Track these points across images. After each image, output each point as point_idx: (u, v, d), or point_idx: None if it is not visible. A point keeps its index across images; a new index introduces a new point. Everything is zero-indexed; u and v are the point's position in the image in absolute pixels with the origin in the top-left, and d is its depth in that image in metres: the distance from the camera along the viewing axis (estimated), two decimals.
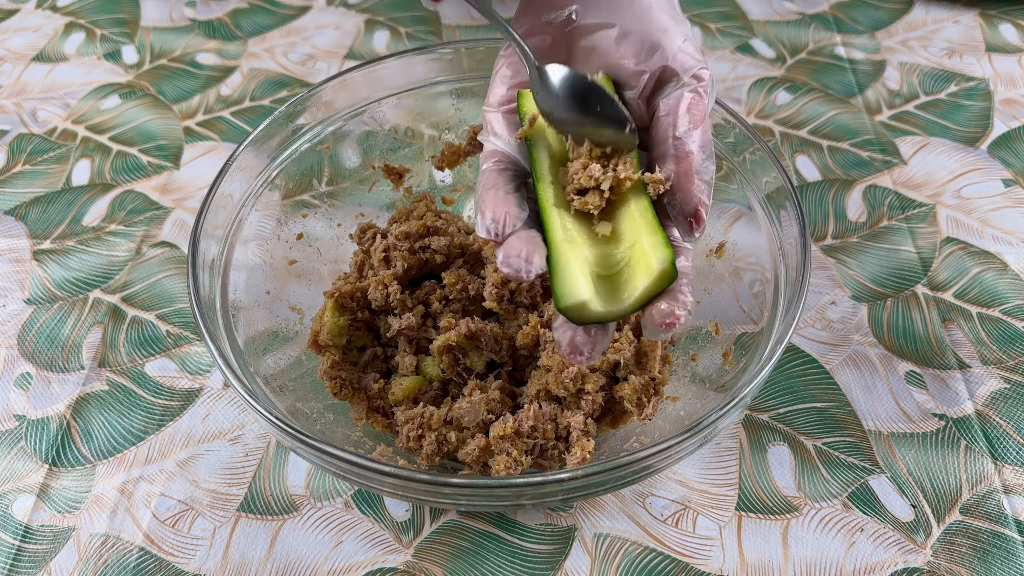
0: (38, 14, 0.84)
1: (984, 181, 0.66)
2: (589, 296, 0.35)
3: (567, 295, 0.35)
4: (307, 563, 0.48)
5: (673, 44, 0.38)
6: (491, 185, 0.38)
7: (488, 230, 0.37)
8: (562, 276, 0.36)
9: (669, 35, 0.39)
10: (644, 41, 0.39)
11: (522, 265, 0.36)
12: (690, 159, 0.37)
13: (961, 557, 0.47)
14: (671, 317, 0.35)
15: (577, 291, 0.35)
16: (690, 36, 0.39)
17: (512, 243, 0.36)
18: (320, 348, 0.51)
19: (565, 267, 0.36)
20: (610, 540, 0.48)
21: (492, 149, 0.40)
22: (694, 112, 0.37)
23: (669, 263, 0.35)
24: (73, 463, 0.52)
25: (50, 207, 0.66)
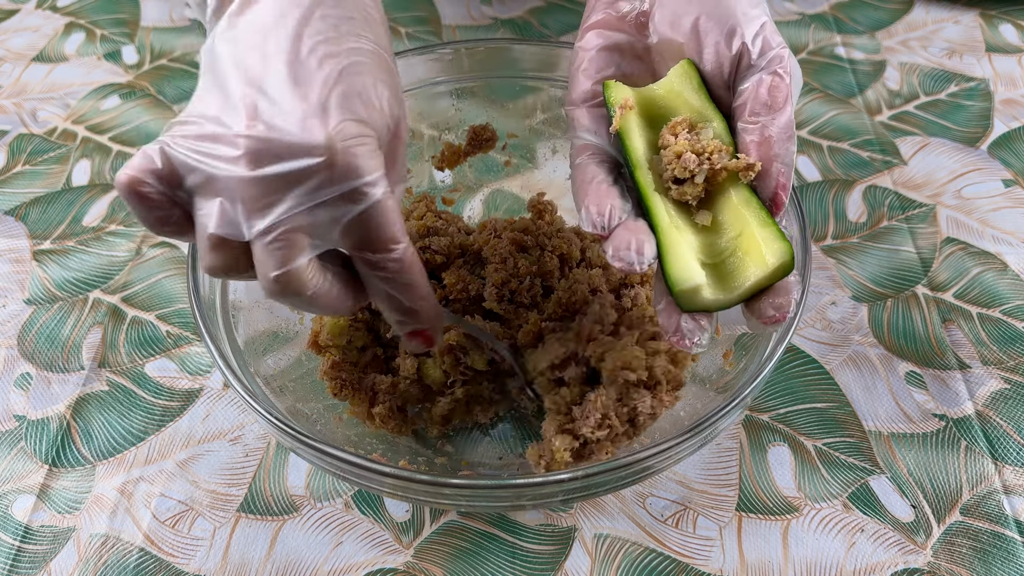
0: (38, 14, 0.84)
1: (984, 181, 0.66)
2: (703, 280, 0.35)
3: (682, 279, 0.35)
4: (307, 563, 0.48)
5: (751, 28, 0.38)
6: (590, 177, 0.38)
7: (594, 224, 0.37)
8: (675, 260, 0.35)
9: (747, 19, 0.38)
10: (722, 27, 0.38)
11: (634, 257, 0.35)
12: (769, 142, 0.36)
13: (961, 557, 0.47)
14: (783, 310, 0.35)
15: (691, 275, 0.35)
16: (769, 18, 0.39)
17: (620, 235, 0.36)
18: (320, 348, 0.51)
19: (676, 251, 0.36)
20: (610, 541, 0.48)
21: (583, 144, 0.40)
22: (774, 94, 0.37)
23: (788, 256, 0.35)
24: (73, 463, 0.52)
25: (50, 207, 0.66)
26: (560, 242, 0.52)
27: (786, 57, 0.37)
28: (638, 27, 0.41)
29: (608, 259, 0.36)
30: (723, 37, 0.38)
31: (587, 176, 0.38)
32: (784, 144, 0.36)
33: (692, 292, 0.35)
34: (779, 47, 0.38)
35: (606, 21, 0.42)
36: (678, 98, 0.39)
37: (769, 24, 0.38)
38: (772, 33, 0.38)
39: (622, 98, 0.39)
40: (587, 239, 0.54)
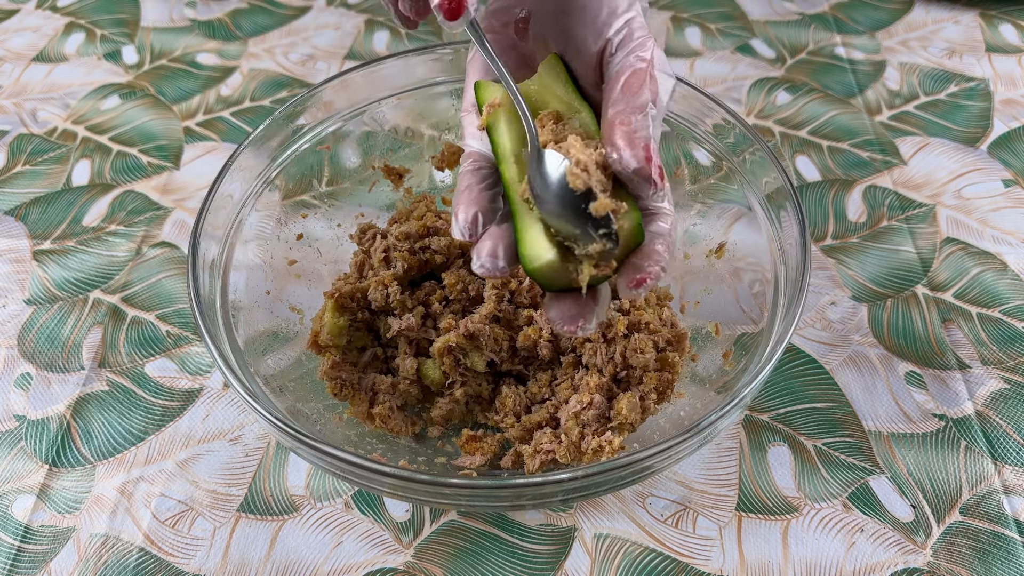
0: (38, 14, 0.84)
1: (984, 181, 0.66)
2: (553, 256, 0.35)
3: (532, 257, 0.35)
4: (307, 563, 0.48)
5: (614, 25, 0.39)
6: (464, 185, 0.39)
7: (462, 232, 0.37)
8: (526, 243, 0.36)
9: (613, 17, 0.39)
10: (589, 26, 0.40)
11: (494, 263, 0.36)
12: (625, 123, 0.36)
13: (961, 557, 0.47)
14: (642, 272, 0.35)
15: (540, 252, 0.35)
16: (638, 13, 0.40)
17: (483, 243, 0.37)
18: (320, 349, 0.51)
19: (528, 235, 0.36)
20: (610, 540, 0.48)
21: (469, 151, 0.41)
22: (630, 80, 0.37)
23: (635, 223, 0.35)
24: (73, 463, 0.52)
25: (50, 207, 0.66)
26: None
27: (650, 45, 0.38)
28: (519, 33, 0.43)
29: (473, 268, 0.37)
30: (588, 36, 0.40)
31: (462, 184, 0.39)
32: (640, 122, 0.36)
33: (547, 267, 0.35)
34: (641, 38, 0.39)
35: (491, 27, 0.43)
36: (548, 92, 0.40)
37: (637, 19, 0.39)
38: (637, 27, 0.39)
39: (491, 97, 0.40)
40: None
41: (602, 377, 0.47)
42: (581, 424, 0.45)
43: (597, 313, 0.36)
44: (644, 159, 0.35)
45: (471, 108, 0.42)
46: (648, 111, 0.37)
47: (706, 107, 0.52)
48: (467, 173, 0.40)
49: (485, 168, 0.40)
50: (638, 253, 0.36)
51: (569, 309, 0.36)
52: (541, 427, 0.47)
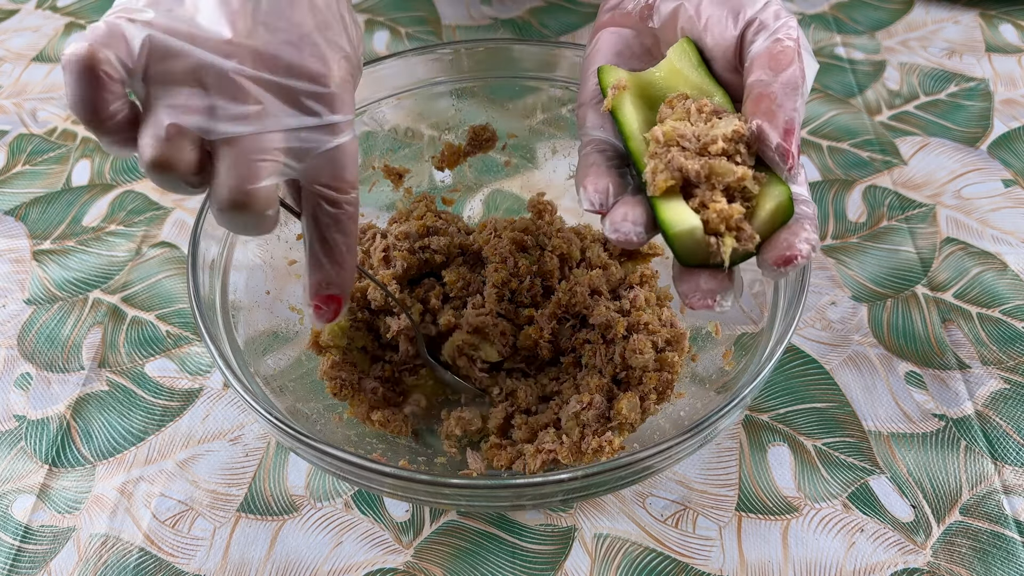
0: (38, 14, 0.84)
1: (984, 181, 0.66)
2: (698, 222, 0.34)
3: (676, 221, 0.34)
4: (307, 563, 0.48)
5: (754, 6, 0.38)
6: (589, 163, 0.38)
7: (591, 201, 0.36)
8: (667, 209, 0.34)
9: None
10: (723, 9, 0.38)
11: (629, 227, 0.35)
12: (771, 97, 0.35)
13: (961, 557, 0.47)
14: (792, 249, 0.33)
15: (685, 217, 0.34)
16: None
17: (616, 210, 0.36)
18: (320, 349, 0.51)
19: (667, 202, 0.35)
20: (610, 540, 0.48)
21: (589, 138, 0.40)
22: (778, 58, 0.36)
23: (785, 198, 0.34)
24: (73, 463, 0.52)
25: (50, 207, 0.66)
26: (560, 242, 0.52)
27: (795, 26, 0.37)
28: (643, 19, 0.41)
29: (606, 233, 0.36)
30: (727, 18, 0.38)
31: (588, 162, 0.38)
32: (788, 97, 0.35)
33: (689, 233, 0.34)
34: (786, 18, 0.37)
35: (613, 19, 0.42)
36: (677, 76, 0.39)
37: (774, 1, 0.38)
38: (779, 8, 0.38)
39: (615, 79, 0.39)
40: (587, 239, 0.54)
41: (602, 377, 0.47)
42: (581, 424, 0.45)
43: (735, 290, 0.35)
44: (784, 133, 0.34)
45: (588, 100, 0.41)
46: (798, 86, 0.35)
47: None
48: (590, 154, 0.39)
49: (609, 150, 0.39)
50: (785, 229, 0.34)
51: (706, 283, 0.35)
52: (546, 427, 0.47)
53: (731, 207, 0.34)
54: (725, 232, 0.34)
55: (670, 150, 0.35)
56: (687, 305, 0.36)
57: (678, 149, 0.35)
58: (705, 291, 0.35)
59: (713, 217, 0.34)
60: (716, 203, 0.34)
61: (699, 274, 0.35)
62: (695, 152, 0.35)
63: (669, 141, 0.36)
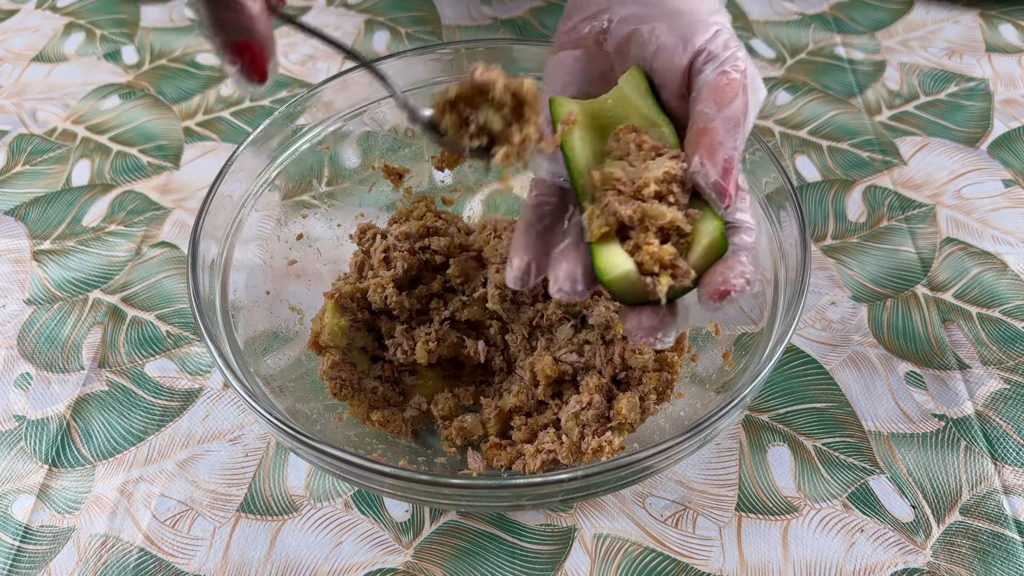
0: (38, 14, 0.84)
1: (984, 181, 0.66)
2: (631, 266, 0.34)
3: (609, 268, 0.35)
4: (307, 563, 0.48)
5: (705, 35, 0.38)
6: (524, 225, 0.38)
7: (515, 281, 0.37)
8: (602, 254, 0.35)
9: (702, 26, 0.38)
10: (675, 36, 0.38)
11: (573, 287, 0.35)
12: (711, 133, 0.35)
13: (961, 558, 0.47)
14: (726, 284, 0.34)
15: (619, 262, 0.35)
16: (725, 25, 0.39)
17: (560, 266, 0.36)
18: (320, 349, 0.51)
19: (603, 247, 0.35)
20: (610, 540, 0.48)
21: (536, 179, 0.40)
22: (724, 90, 0.36)
23: (718, 234, 0.34)
24: (73, 463, 0.52)
25: (50, 207, 0.66)
26: None
27: (743, 57, 0.37)
28: (599, 43, 0.42)
29: (551, 293, 0.36)
30: (678, 46, 0.38)
31: (522, 224, 0.38)
32: (727, 136, 0.36)
33: (624, 279, 0.34)
34: (735, 48, 0.38)
35: (570, 41, 0.42)
36: (627, 105, 0.39)
37: (726, 31, 0.38)
38: (729, 38, 0.38)
39: (565, 113, 0.39)
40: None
41: (602, 378, 0.47)
42: (581, 424, 0.45)
43: (676, 325, 0.36)
44: (722, 172, 0.35)
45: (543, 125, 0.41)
46: (740, 124, 0.36)
47: None
48: (529, 208, 0.39)
49: (548, 204, 0.39)
50: (720, 264, 0.35)
51: (647, 320, 0.35)
52: (545, 428, 0.47)
53: (663, 249, 0.34)
54: (660, 272, 0.34)
55: (606, 194, 0.36)
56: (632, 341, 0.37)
57: (614, 193, 0.36)
58: (647, 329, 0.35)
59: (647, 259, 0.34)
60: (649, 246, 0.34)
61: (640, 312, 0.36)
62: (629, 195, 0.36)
63: (605, 185, 0.36)
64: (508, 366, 0.52)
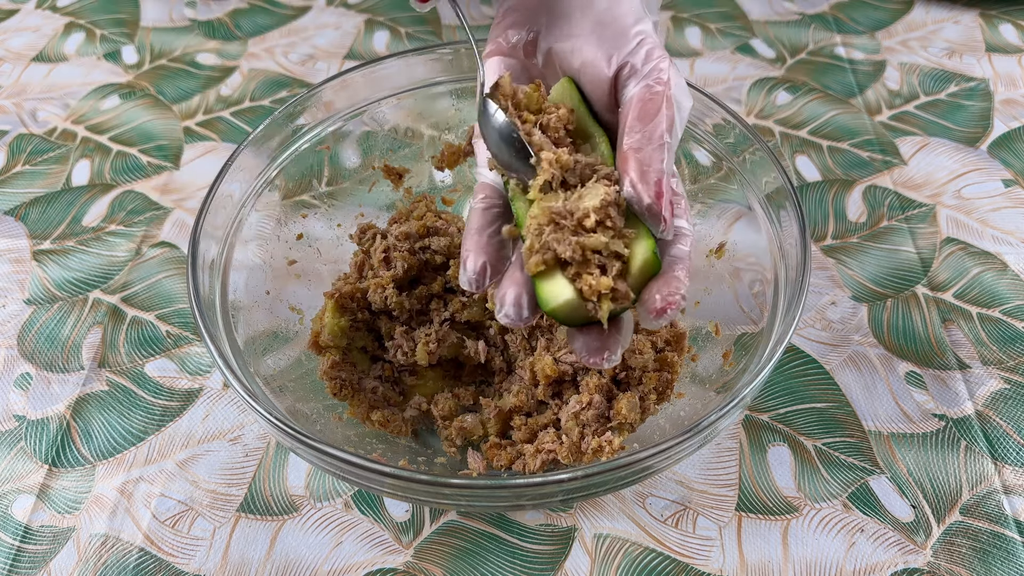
0: (38, 14, 0.84)
1: (984, 181, 0.66)
2: (571, 294, 0.35)
3: (550, 298, 0.35)
4: (307, 563, 0.48)
5: (627, 47, 0.38)
6: (474, 227, 0.38)
7: (470, 283, 0.37)
8: (543, 284, 0.36)
9: (624, 39, 0.38)
10: (599, 50, 0.39)
11: (519, 313, 0.36)
12: (639, 155, 0.35)
13: (961, 558, 0.47)
14: (663, 302, 0.34)
15: (558, 291, 0.35)
16: (650, 34, 0.39)
17: (507, 291, 0.36)
18: (320, 349, 0.51)
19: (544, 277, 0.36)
20: (610, 541, 0.48)
21: (480, 183, 0.40)
22: (647, 107, 0.36)
23: (650, 253, 0.35)
24: (73, 463, 0.52)
25: (50, 207, 0.66)
26: None
27: (665, 68, 0.37)
28: (527, 54, 0.42)
29: (496, 315, 0.36)
30: (602, 60, 0.38)
31: (471, 226, 0.38)
32: (654, 155, 0.35)
33: (566, 307, 0.35)
34: (658, 59, 0.38)
35: (499, 49, 0.42)
36: None
37: (650, 39, 0.38)
38: (653, 47, 0.38)
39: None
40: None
41: (601, 378, 0.47)
42: (581, 424, 0.45)
43: (621, 342, 0.36)
44: (655, 195, 0.35)
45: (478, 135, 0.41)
46: (664, 141, 0.36)
47: (706, 107, 0.52)
48: (477, 212, 0.39)
49: (496, 207, 0.39)
50: (657, 281, 0.35)
51: (593, 342, 0.36)
52: (545, 428, 0.47)
53: (601, 281, 0.34)
54: (600, 297, 0.35)
55: (543, 229, 0.36)
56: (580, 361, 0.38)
57: (551, 227, 0.36)
58: (593, 349, 0.36)
59: (586, 289, 0.35)
60: (589, 277, 0.35)
61: (585, 333, 0.36)
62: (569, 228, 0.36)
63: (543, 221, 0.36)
64: (508, 366, 0.52)
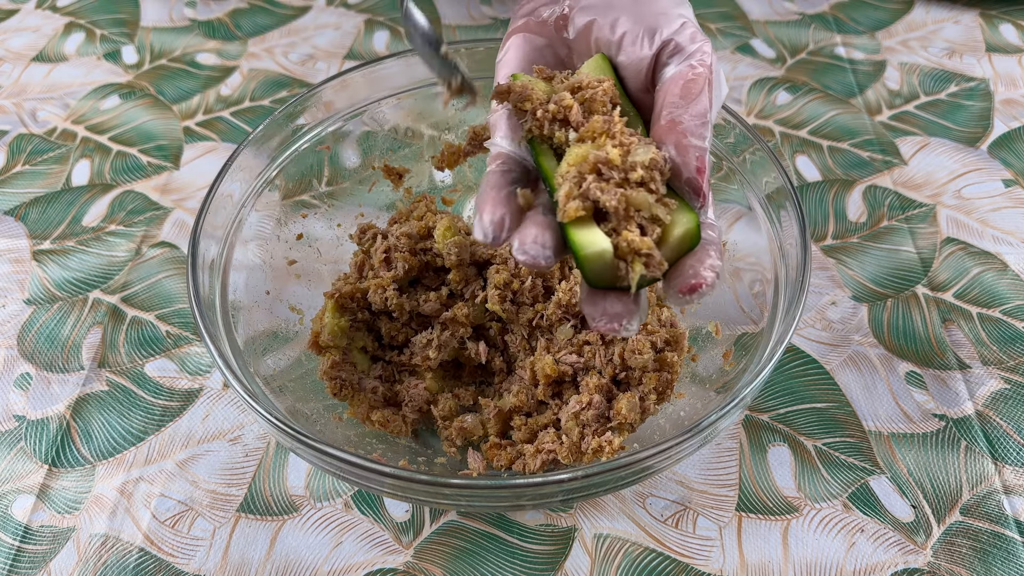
0: (38, 14, 0.84)
1: (984, 181, 0.66)
2: (608, 246, 0.33)
3: (586, 244, 0.33)
4: (307, 564, 0.48)
5: (671, 27, 0.37)
6: (491, 184, 0.36)
7: (485, 233, 0.34)
8: (578, 232, 0.33)
9: (667, 19, 0.38)
10: (640, 27, 0.38)
11: (540, 251, 0.34)
12: (680, 129, 0.35)
13: (961, 558, 0.47)
14: (697, 278, 0.33)
15: (596, 240, 0.33)
16: (690, 18, 0.38)
17: (526, 230, 0.34)
18: (320, 349, 0.51)
19: (579, 226, 0.34)
20: (610, 541, 0.48)
21: (496, 152, 0.39)
22: (689, 85, 0.36)
23: (693, 225, 0.33)
24: (73, 464, 0.52)
25: (50, 207, 0.66)
26: None
27: (709, 52, 0.37)
28: (558, 29, 0.41)
29: (513, 252, 0.34)
30: (641, 37, 0.37)
31: (488, 183, 0.37)
32: (697, 131, 0.35)
33: (599, 256, 0.33)
34: (701, 42, 0.37)
35: (527, 26, 0.41)
36: None
37: (691, 24, 0.38)
38: (696, 31, 0.37)
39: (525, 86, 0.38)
40: None
41: (601, 378, 0.47)
42: (581, 424, 0.45)
43: (640, 314, 0.34)
44: (696, 170, 0.34)
45: (500, 107, 0.39)
46: (707, 120, 0.35)
47: None
48: (495, 172, 0.37)
49: (515, 170, 0.37)
50: (691, 257, 0.34)
51: (612, 307, 0.34)
52: (545, 428, 0.47)
53: (642, 240, 0.33)
54: (634, 258, 0.33)
55: (585, 177, 0.34)
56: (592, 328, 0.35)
57: (594, 176, 0.34)
58: (611, 315, 0.34)
59: (624, 245, 0.33)
60: (629, 233, 0.33)
61: (606, 297, 0.34)
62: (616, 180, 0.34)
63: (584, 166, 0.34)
64: (508, 366, 0.52)
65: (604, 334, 0.37)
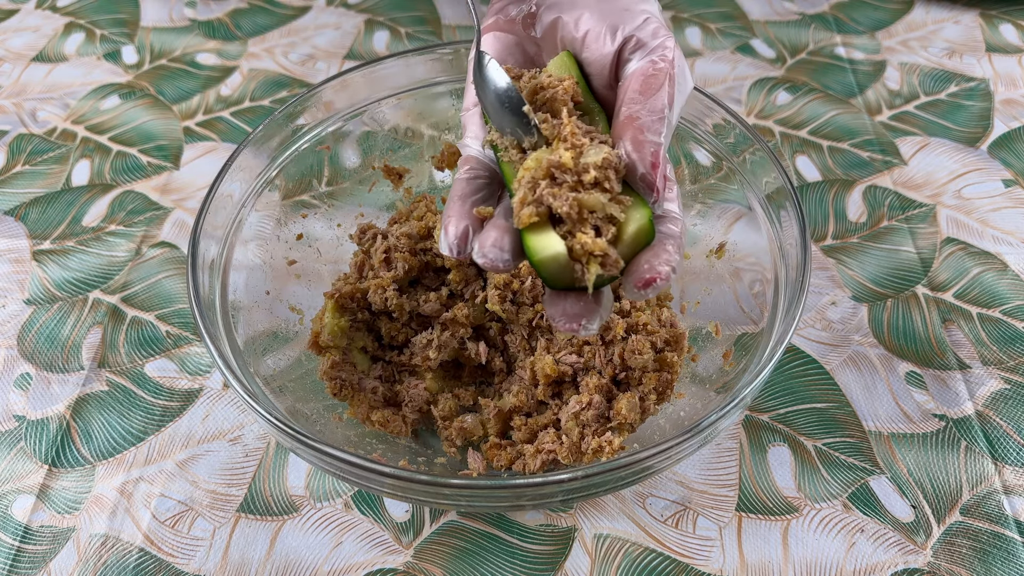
0: (38, 14, 0.84)
1: (984, 181, 0.66)
2: (563, 248, 0.34)
3: (540, 248, 0.34)
4: (307, 564, 0.48)
5: (633, 23, 0.38)
6: (457, 195, 0.37)
7: (450, 247, 0.36)
8: (533, 237, 0.34)
9: (631, 15, 0.38)
10: (602, 24, 0.38)
11: (499, 255, 0.35)
12: (637, 124, 0.35)
13: (961, 558, 0.47)
14: (652, 272, 0.34)
15: (550, 243, 0.34)
16: (654, 13, 0.39)
17: (487, 234, 0.35)
18: (320, 349, 0.51)
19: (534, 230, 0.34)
20: (610, 541, 0.48)
21: (466, 155, 0.39)
22: (649, 82, 0.36)
23: (646, 221, 0.34)
24: (73, 464, 0.52)
25: (50, 207, 0.66)
26: None
27: (672, 47, 0.37)
28: (526, 27, 0.41)
29: (474, 256, 0.35)
30: (604, 34, 0.38)
31: (455, 193, 0.38)
32: (653, 126, 0.35)
33: (554, 259, 0.34)
34: (664, 38, 0.37)
35: (497, 24, 0.42)
36: None
37: (654, 19, 0.38)
38: (659, 26, 0.38)
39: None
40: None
41: (601, 378, 0.47)
42: (581, 424, 0.45)
43: (600, 314, 0.35)
44: (651, 165, 0.34)
45: (471, 107, 0.41)
46: (664, 115, 0.36)
47: (706, 107, 0.52)
48: (462, 181, 0.38)
49: (481, 177, 0.38)
50: (647, 252, 0.34)
51: (571, 308, 0.35)
52: (545, 428, 0.47)
53: (596, 242, 0.33)
54: (590, 259, 0.34)
55: (539, 183, 0.35)
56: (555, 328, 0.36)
57: (547, 181, 0.34)
58: (571, 315, 0.35)
59: (578, 248, 0.34)
60: (583, 235, 0.34)
61: (565, 298, 0.35)
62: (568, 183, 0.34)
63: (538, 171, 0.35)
64: (508, 366, 0.52)
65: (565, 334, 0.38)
